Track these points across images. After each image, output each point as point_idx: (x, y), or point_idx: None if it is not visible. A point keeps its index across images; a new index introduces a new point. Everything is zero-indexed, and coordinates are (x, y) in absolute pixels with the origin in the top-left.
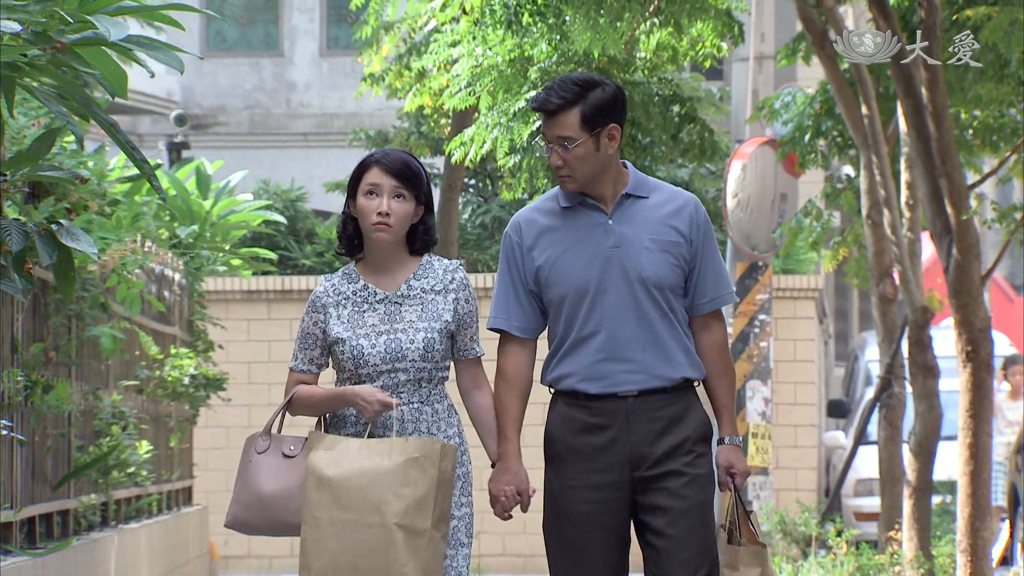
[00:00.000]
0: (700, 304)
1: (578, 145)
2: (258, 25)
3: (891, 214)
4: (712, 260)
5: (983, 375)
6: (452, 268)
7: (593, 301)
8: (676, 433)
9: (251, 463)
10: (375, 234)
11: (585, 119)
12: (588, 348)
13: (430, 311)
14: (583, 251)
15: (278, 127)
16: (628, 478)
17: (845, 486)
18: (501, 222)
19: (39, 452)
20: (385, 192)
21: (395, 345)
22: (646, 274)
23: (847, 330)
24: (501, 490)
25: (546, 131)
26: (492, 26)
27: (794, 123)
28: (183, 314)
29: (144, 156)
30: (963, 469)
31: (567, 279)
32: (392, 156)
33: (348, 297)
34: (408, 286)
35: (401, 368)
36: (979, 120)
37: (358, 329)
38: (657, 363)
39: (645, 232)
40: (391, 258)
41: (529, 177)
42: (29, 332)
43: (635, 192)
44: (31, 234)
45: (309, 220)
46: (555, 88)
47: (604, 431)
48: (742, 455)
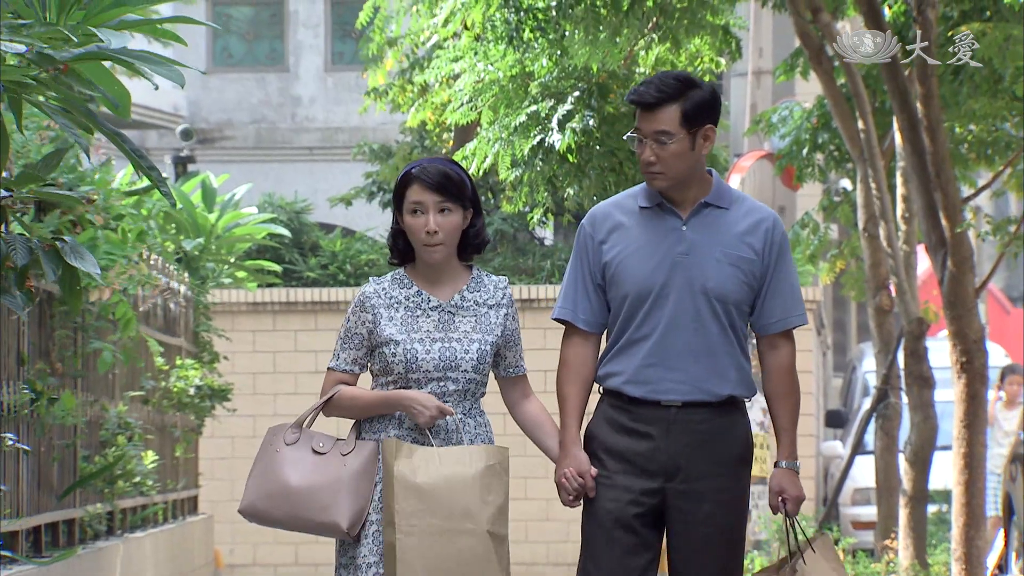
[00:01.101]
0: (768, 324)
1: (676, 141)
2: (264, 40)
3: (887, 227)
4: (784, 280)
5: (977, 386)
6: (502, 285)
7: (653, 305)
8: (715, 450)
9: (278, 453)
10: (427, 255)
11: (686, 116)
12: (639, 351)
13: (483, 324)
14: (652, 254)
15: (283, 141)
16: (661, 487)
17: (842, 495)
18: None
19: (45, 462)
20: (430, 209)
21: (450, 353)
22: (710, 285)
23: (845, 341)
24: (563, 474)
25: (642, 125)
26: (493, 41)
27: (791, 137)
28: (188, 325)
29: (152, 163)
30: (958, 479)
31: (631, 279)
32: (430, 170)
33: (400, 301)
34: (462, 297)
35: (452, 377)
36: (974, 134)
37: (412, 333)
38: (707, 376)
39: (718, 244)
40: (444, 268)
41: (530, 191)
42: (35, 344)
43: (715, 202)
44: (35, 250)
45: (314, 233)
46: (655, 82)
47: (644, 438)
48: (797, 480)
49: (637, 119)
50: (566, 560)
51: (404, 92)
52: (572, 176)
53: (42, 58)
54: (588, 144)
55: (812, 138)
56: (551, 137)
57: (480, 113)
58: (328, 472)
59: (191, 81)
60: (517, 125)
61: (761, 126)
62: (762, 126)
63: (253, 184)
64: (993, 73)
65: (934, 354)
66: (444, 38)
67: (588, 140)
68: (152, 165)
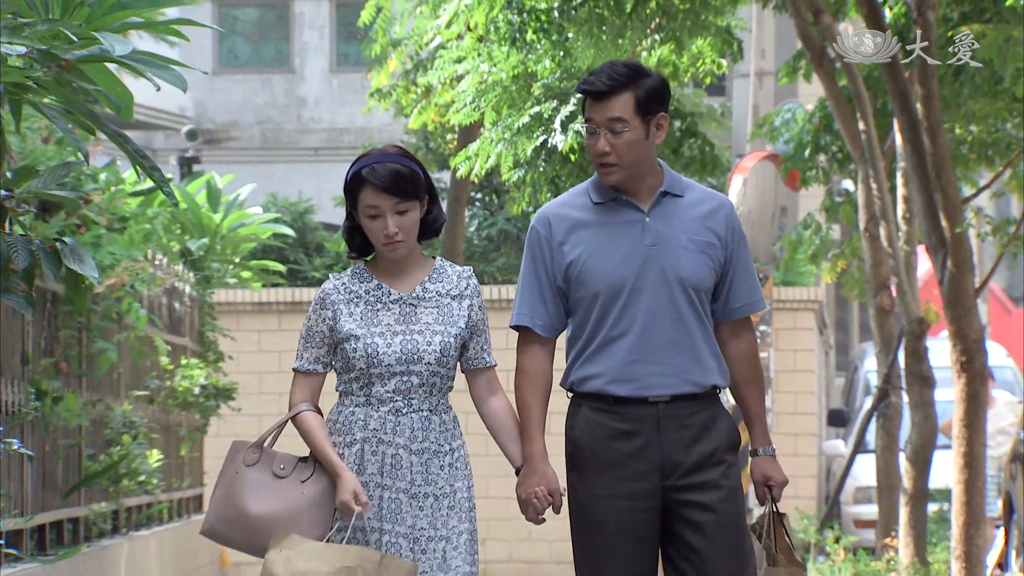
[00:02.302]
0: (733, 309)
1: (630, 130)
2: (269, 42)
3: (888, 227)
4: (745, 264)
5: (977, 385)
6: (466, 275)
7: (628, 300)
8: (707, 441)
9: (237, 475)
10: (388, 253)
11: (639, 103)
12: (619, 348)
13: (446, 315)
14: (618, 248)
15: (289, 142)
16: (659, 487)
17: (844, 493)
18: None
19: (50, 461)
20: (387, 212)
21: (411, 346)
22: (685, 274)
23: (848, 341)
24: (531, 493)
25: (594, 115)
26: (497, 43)
27: (795, 140)
28: (194, 325)
29: (154, 164)
30: (958, 477)
31: (600, 276)
32: (381, 172)
33: (360, 296)
34: (423, 288)
35: (415, 371)
36: (974, 135)
37: (372, 327)
38: (691, 367)
39: (682, 232)
40: (406, 260)
41: (533, 191)
42: (39, 344)
43: (671, 190)
44: (36, 252)
45: (318, 233)
46: (605, 71)
47: (634, 437)
48: (778, 465)
49: (587, 110)
50: (567, 558)
51: (408, 93)
52: (574, 176)
53: (44, 56)
54: None
55: (814, 140)
56: (554, 138)
57: (483, 114)
58: (286, 500)
59: (197, 82)
60: (520, 126)
61: (764, 130)
62: (765, 130)
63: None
64: (993, 74)
65: (934, 354)
66: (447, 39)
67: None
68: (155, 166)
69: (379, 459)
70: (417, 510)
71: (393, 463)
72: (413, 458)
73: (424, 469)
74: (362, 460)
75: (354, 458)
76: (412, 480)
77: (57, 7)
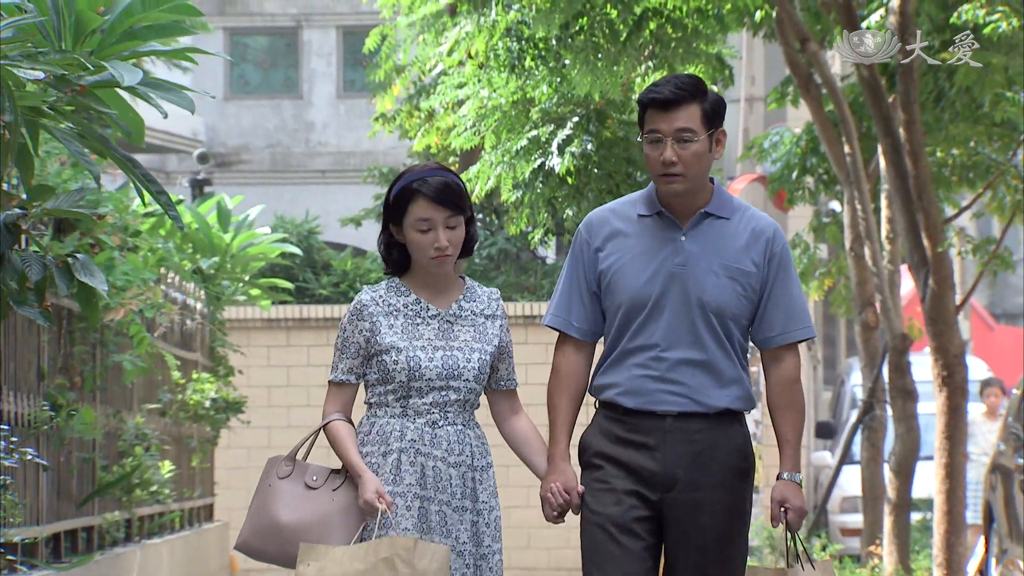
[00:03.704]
0: (769, 337)
1: (697, 141)
2: (279, 69)
3: (872, 247)
4: (785, 292)
5: (958, 399)
6: (495, 296)
7: (648, 316)
8: (712, 461)
9: (270, 487)
10: (435, 268)
11: (706, 115)
12: (634, 362)
13: (482, 333)
14: (648, 263)
15: (298, 165)
16: (659, 498)
17: (831, 503)
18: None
19: (64, 472)
20: (439, 225)
21: (452, 362)
22: (707, 299)
23: (835, 356)
24: (548, 488)
25: (660, 125)
26: (496, 69)
27: (782, 162)
28: (204, 341)
29: (161, 188)
30: (939, 487)
31: (626, 289)
32: (433, 183)
33: (399, 309)
34: (459, 306)
35: (454, 387)
36: (955, 158)
37: (415, 340)
38: (703, 388)
39: (716, 255)
40: (444, 278)
41: (531, 212)
42: (54, 359)
43: (716, 212)
44: (49, 266)
45: (325, 252)
46: (672, 81)
47: (641, 449)
48: (800, 492)
49: (651, 120)
50: (566, 565)
51: (411, 118)
52: (571, 198)
53: (59, 81)
54: (586, 167)
55: (802, 162)
56: (551, 160)
57: (483, 138)
58: (317, 508)
59: (209, 107)
60: (519, 149)
61: (753, 152)
62: (754, 152)
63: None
64: (973, 100)
65: (917, 368)
66: (449, 66)
67: (586, 163)
68: (161, 190)
69: (417, 470)
70: (458, 523)
71: (434, 475)
72: (452, 471)
73: (462, 483)
74: (399, 470)
75: (391, 468)
76: (453, 493)
77: (69, 36)
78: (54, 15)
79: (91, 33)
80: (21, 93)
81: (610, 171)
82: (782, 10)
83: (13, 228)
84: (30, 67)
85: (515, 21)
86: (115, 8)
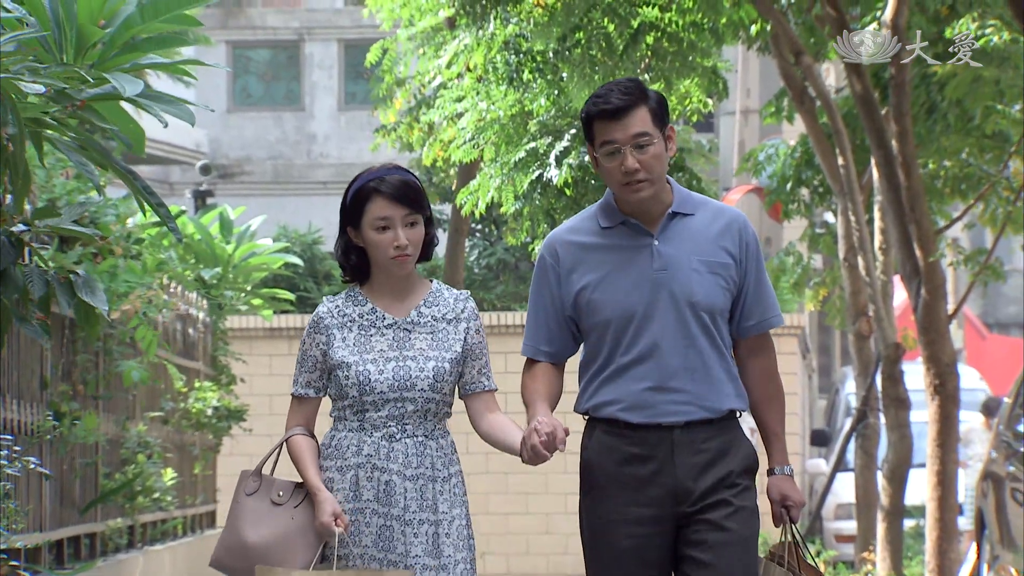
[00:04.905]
0: (747, 326)
1: (655, 143)
2: (281, 82)
3: (865, 257)
4: (760, 280)
5: (950, 407)
6: (463, 298)
7: (639, 327)
8: (722, 466)
9: (238, 504)
10: (396, 268)
11: (655, 114)
12: (633, 376)
13: (441, 340)
14: (627, 274)
15: (299, 176)
16: (671, 513)
17: (826, 510)
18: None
19: (67, 479)
20: (398, 224)
21: (404, 372)
22: (696, 298)
23: (830, 365)
24: (531, 430)
25: (615, 134)
26: (495, 82)
27: (778, 175)
28: (207, 350)
29: (160, 200)
30: (931, 495)
31: (609, 304)
32: (391, 182)
33: (354, 320)
34: (419, 313)
35: (409, 398)
36: (947, 170)
37: (365, 354)
38: (706, 393)
39: (693, 253)
40: (404, 282)
41: (531, 224)
42: (57, 368)
43: (681, 210)
44: (51, 282)
45: (327, 262)
46: (614, 89)
47: (647, 462)
48: (795, 484)
49: (602, 132)
50: (564, 571)
51: (412, 130)
52: (569, 209)
53: (60, 95)
54: (584, 179)
55: (796, 174)
56: (549, 172)
57: (482, 150)
58: (278, 526)
59: (213, 119)
60: (517, 161)
61: (749, 165)
62: (750, 165)
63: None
64: (964, 112)
65: (910, 377)
66: (448, 79)
67: (584, 175)
68: (160, 202)
69: (374, 485)
70: (412, 537)
71: (387, 489)
72: (407, 484)
73: (419, 495)
74: (357, 486)
75: (349, 483)
76: (406, 506)
77: (71, 48)
78: (55, 28)
79: (92, 46)
80: (23, 104)
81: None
82: (777, 24)
83: (17, 243)
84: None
85: (513, 34)
86: (116, 21)
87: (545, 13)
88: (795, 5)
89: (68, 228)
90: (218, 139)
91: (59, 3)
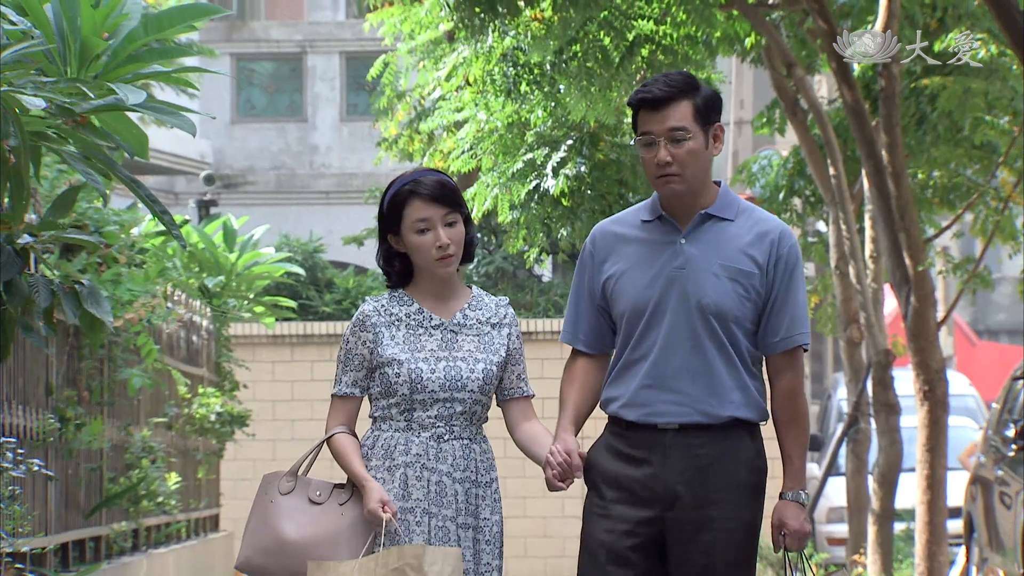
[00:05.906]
0: (772, 342)
1: (691, 138)
2: (284, 93)
3: (856, 266)
4: (790, 296)
5: (939, 412)
6: (504, 303)
7: (649, 323)
8: (717, 476)
9: (272, 503)
10: (440, 269)
11: (698, 111)
12: (636, 373)
13: (487, 343)
14: (648, 268)
15: (302, 186)
16: (660, 516)
17: (818, 513)
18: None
19: (73, 483)
20: (438, 224)
21: (455, 373)
22: (706, 301)
23: (822, 371)
24: (548, 451)
25: (652, 127)
26: (493, 94)
27: (771, 185)
28: (210, 357)
29: (165, 208)
30: (921, 498)
31: (627, 296)
32: (427, 183)
33: (401, 319)
34: (464, 315)
35: (459, 398)
36: (936, 180)
37: (416, 352)
38: (705, 397)
39: (716, 257)
40: (447, 285)
41: (528, 232)
42: (62, 374)
43: (718, 213)
44: (57, 292)
45: (328, 271)
46: (661, 80)
47: (642, 465)
48: (800, 513)
49: (643, 122)
50: (562, 574)
51: (413, 142)
52: (565, 218)
53: (61, 111)
54: (580, 189)
55: (789, 184)
56: (546, 182)
57: (480, 160)
58: (326, 523)
59: (217, 130)
60: (514, 171)
61: (743, 175)
62: (744, 175)
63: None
64: (954, 123)
65: (900, 383)
66: (447, 91)
67: (580, 185)
68: (165, 210)
69: (424, 484)
70: (463, 540)
71: (438, 490)
72: (457, 487)
73: (466, 499)
74: (407, 485)
75: (398, 483)
76: (457, 509)
77: (75, 61)
78: (59, 41)
79: (96, 58)
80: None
81: (603, 192)
82: (770, 37)
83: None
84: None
85: (511, 47)
86: (119, 33)
87: (542, 26)
88: (787, 19)
89: (73, 237)
90: (222, 150)
91: (63, 16)
